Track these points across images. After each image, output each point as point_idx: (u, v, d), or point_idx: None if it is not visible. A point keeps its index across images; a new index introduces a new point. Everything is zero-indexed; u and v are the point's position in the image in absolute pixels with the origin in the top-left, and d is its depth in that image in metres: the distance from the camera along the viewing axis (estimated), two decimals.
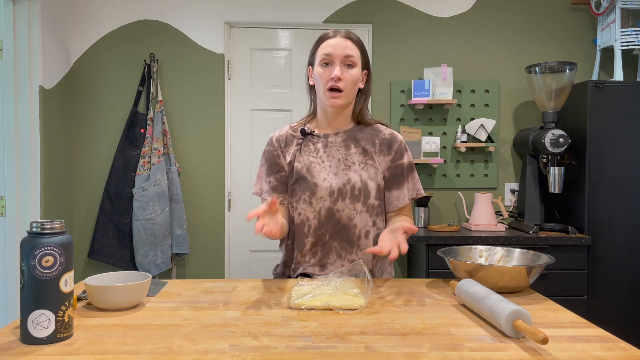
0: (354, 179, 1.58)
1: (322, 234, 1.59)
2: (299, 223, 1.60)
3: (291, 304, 1.24)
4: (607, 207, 2.83)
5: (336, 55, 1.54)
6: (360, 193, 1.58)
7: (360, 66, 1.58)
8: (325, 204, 1.57)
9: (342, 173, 1.59)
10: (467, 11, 3.27)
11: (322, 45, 1.57)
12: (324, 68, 1.56)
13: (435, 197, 3.29)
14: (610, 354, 0.95)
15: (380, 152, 1.63)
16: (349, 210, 1.58)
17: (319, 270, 1.60)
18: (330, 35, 1.57)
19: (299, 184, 1.59)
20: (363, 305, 1.23)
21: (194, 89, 3.21)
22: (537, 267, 1.32)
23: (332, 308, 1.22)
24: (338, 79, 1.53)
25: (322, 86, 1.56)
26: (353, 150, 1.61)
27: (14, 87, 2.74)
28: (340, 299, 1.24)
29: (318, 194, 1.57)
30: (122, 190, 3.09)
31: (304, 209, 1.59)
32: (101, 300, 1.19)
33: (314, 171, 1.59)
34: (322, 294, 1.27)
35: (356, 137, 1.63)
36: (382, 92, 3.26)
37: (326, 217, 1.58)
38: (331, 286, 1.31)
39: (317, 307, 1.22)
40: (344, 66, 1.55)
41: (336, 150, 1.62)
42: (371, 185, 1.59)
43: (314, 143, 1.63)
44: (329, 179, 1.58)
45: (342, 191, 1.57)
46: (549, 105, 2.90)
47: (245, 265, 3.30)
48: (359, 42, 1.59)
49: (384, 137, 1.64)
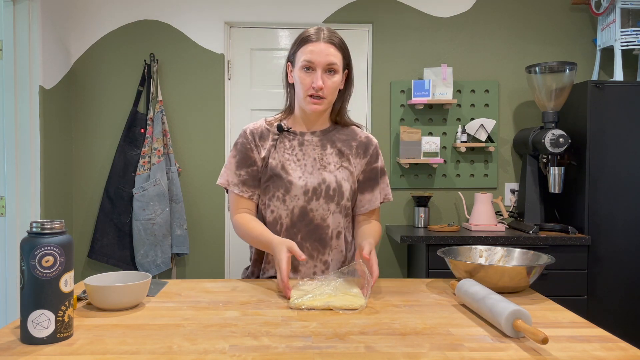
0: (329, 179, 1.57)
1: (294, 233, 1.57)
2: (271, 221, 1.58)
3: (291, 304, 1.24)
4: (607, 207, 2.83)
5: (318, 63, 1.51)
6: (335, 193, 1.57)
7: (341, 71, 1.56)
8: (299, 202, 1.56)
9: (317, 172, 1.57)
10: (467, 11, 3.27)
11: (304, 48, 1.53)
12: (304, 73, 1.53)
13: (435, 197, 3.29)
14: (610, 354, 0.95)
15: (357, 155, 1.62)
16: (322, 210, 1.57)
17: (292, 272, 1.57)
18: (312, 38, 1.53)
19: (273, 180, 1.57)
20: (363, 305, 1.23)
21: (194, 89, 3.21)
22: (537, 267, 1.32)
23: (332, 308, 1.22)
24: (320, 88, 1.51)
25: (303, 91, 1.54)
26: (329, 151, 1.60)
27: (14, 87, 2.74)
28: (340, 299, 1.24)
29: (292, 192, 1.56)
30: (122, 190, 3.09)
31: (277, 206, 1.57)
32: (101, 300, 1.19)
33: (289, 169, 1.57)
34: (322, 294, 1.27)
35: (333, 138, 1.62)
36: (382, 92, 3.26)
37: (299, 216, 1.56)
38: (331, 286, 1.31)
39: (317, 307, 1.22)
40: (325, 72, 1.53)
41: (312, 149, 1.60)
42: (345, 187, 1.58)
43: (289, 140, 1.61)
44: (304, 178, 1.57)
45: (316, 190, 1.56)
46: (549, 105, 2.90)
47: (245, 265, 3.30)
48: (341, 45, 1.55)
49: (361, 140, 1.64)
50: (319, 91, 1.52)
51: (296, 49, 1.56)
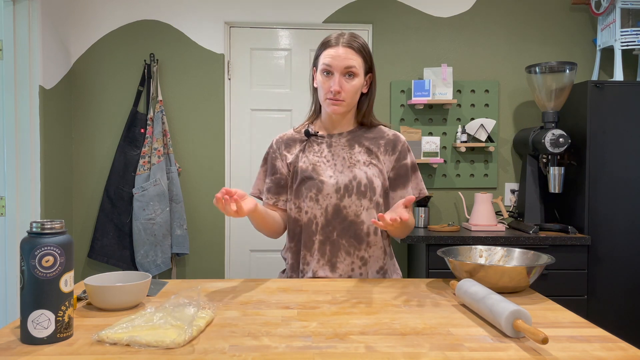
0: (360, 175, 1.59)
1: (329, 231, 1.59)
2: (307, 222, 1.61)
3: (96, 336, 1.00)
4: (607, 207, 2.83)
5: (336, 67, 1.55)
6: (366, 189, 1.59)
7: (362, 74, 1.59)
8: (332, 200, 1.59)
9: (348, 170, 1.60)
10: (467, 11, 3.27)
11: (324, 53, 1.58)
12: (324, 77, 1.58)
13: (435, 197, 3.29)
14: (610, 354, 0.95)
15: (385, 152, 1.64)
16: (355, 207, 1.59)
17: (330, 271, 1.59)
18: (332, 43, 1.57)
19: (305, 183, 1.60)
20: (179, 342, 0.97)
21: (194, 89, 3.21)
22: (537, 267, 1.32)
23: (133, 344, 0.97)
24: (337, 92, 1.55)
25: (323, 95, 1.59)
26: (357, 150, 1.63)
27: (14, 87, 2.74)
28: (152, 333, 0.99)
29: (324, 191, 1.59)
30: (122, 190, 3.09)
31: (311, 206, 1.60)
32: (101, 300, 1.19)
33: (319, 170, 1.61)
34: (140, 326, 1.02)
35: (360, 138, 1.65)
36: (382, 92, 3.26)
37: (333, 213, 1.59)
38: (163, 314, 1.07)
39: (120, 342, 0.98)
40: (344, 76, 1.56)
41: (341, 149, 1.63)
42: (377, 183, 1.60)
43: (318, 144, 1.65)
44: (335, 176, 1.60)
45: (348, 187, 1.59)
46: (549, 105, 2.90)
47: (245, 265, 3.30)
48: (361, 49, 1.58)
49: (388, 138, 1.66)
50: (336, 95, 1.56)
51: (318, 54, 1.61)
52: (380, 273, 1.64)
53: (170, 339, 0.97)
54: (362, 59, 1.58)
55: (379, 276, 1.64)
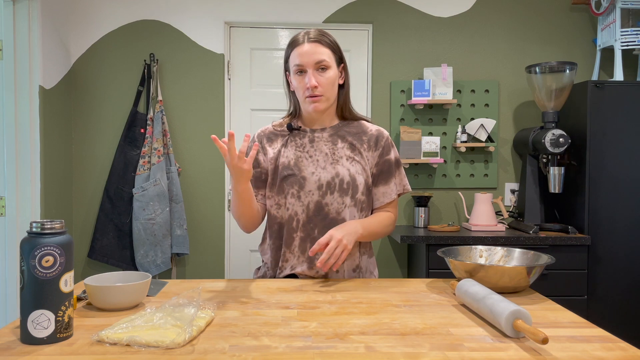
0: (343, 172, 1.59)
1: (310, 228, 1.59)
2: (288, 218, 1.60)
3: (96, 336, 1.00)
4: (607, 207, 2.83)
5: (307, 63, 1.55)
6: (348, 187, 1.58)
7: (334, 65, 1.59)
8: (314, 197, 1.58)
9: (330, 167, 1.59)
10: (467, 11, 3.27)
11: (293, 53, 1.58)
12: (299, 77, 1.58)
13: (435, 197, 3.29)
14: (610, 354, 0.95)
15: (368, 148, 1.64)
16: (337, 204, 1.58)
17: (307, 269, 1.59)
18: (299, 41, 1.57)
19: (287, 179, 1.59)
20: (179, 342, 0.97)
21: (194, 89, 3.21)
22: (537, 267, 1.32)
23: (133, 344, 0.98)
24: (314, 87, 1.55)
25: (301, 94, 1.59)
26: (340, 145, 1.62)
27: (14, 87, 2.74)
28: (151, 333, 1.00)
29: (306, 188, 1.58)
30: (122, 190, 3.09)
31: (293, 203, 1.59)
32: (101, 300, 1.19)
33: (301, 165, 1.60)
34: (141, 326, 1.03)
35: (343, 133, 1.64)
36: (382, 92, 3.26)
37: (315, 210, 1.58)
38: (164, 314, 1.08)
39: (120, 342, 0.98)
40: (317, 71, 1.56)
41: (323, 145, 1.62)
42: (359, 180, 1.60)
43: (300, 138, 1.64)
44: (317, 173, 1.59)
45: (330, 184, 1.58)
46: (549, 105, 2.90)
47: (245, 265, 3.30)
48: (329, 42, 1.59)
49: (371, 133, 1.66)
50: (314, 90, 1.55)
51: (287, 56, 1.62)
52: (357, 272, 1.63)
53: (170, 339, 0.98)
54: (330, 51, 1.58)
55: (355, 275, 1.63)
